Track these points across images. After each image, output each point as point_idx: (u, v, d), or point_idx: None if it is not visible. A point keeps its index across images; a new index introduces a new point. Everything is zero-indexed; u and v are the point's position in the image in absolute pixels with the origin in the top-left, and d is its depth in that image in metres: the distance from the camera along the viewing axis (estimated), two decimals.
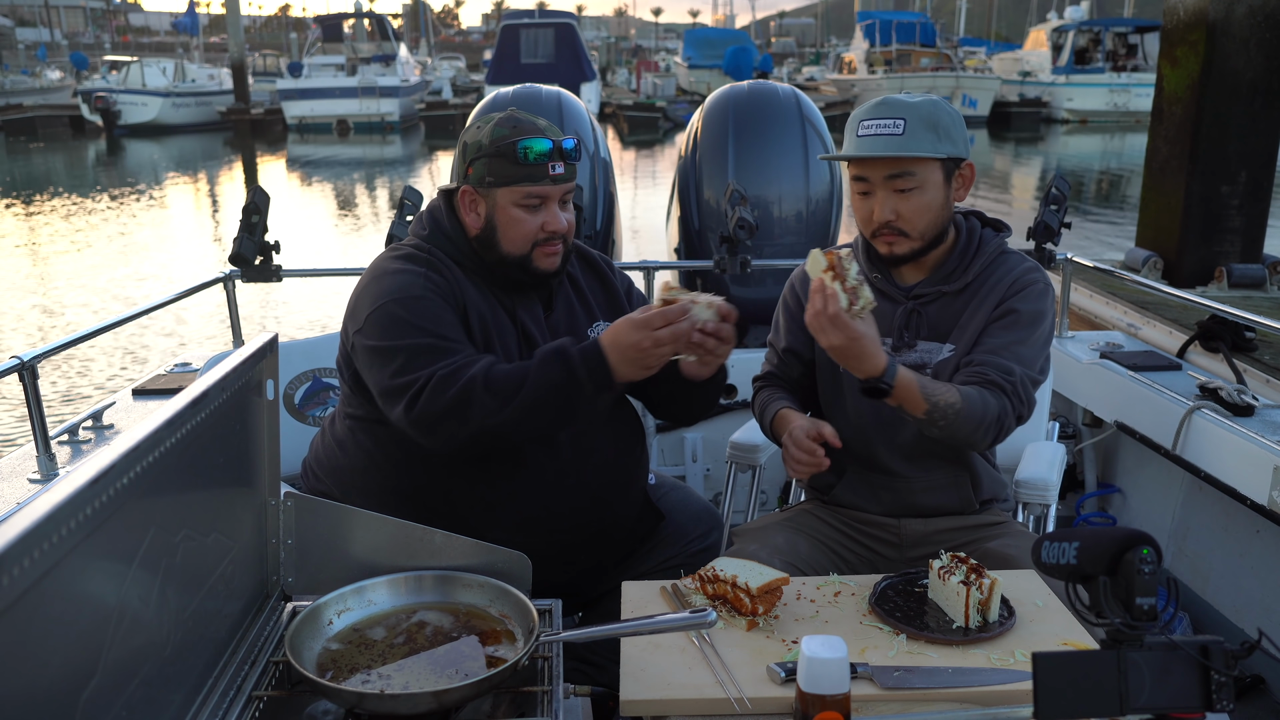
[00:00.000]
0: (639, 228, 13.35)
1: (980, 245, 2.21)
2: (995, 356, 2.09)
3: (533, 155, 2.07)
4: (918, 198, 2.09)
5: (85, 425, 2.79)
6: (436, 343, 2.01)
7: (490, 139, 2.11)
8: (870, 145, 2.08)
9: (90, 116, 32.67)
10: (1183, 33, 6.60)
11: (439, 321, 2.04)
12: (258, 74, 45.45)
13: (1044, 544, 1.36)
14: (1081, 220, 14.59)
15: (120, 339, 8.79)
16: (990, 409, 2.02)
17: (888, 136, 2.07)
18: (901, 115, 2.06)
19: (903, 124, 2.06)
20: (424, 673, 1.49)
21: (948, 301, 2.18)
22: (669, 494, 2.44)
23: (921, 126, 2.06)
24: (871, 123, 2.09)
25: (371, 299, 2.08)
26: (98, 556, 1.06)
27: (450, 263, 2.15)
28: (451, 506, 2.07)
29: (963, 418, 1.99)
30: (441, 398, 1.93)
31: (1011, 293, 2.15)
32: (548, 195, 2.12)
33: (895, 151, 2.06)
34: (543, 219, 2.12)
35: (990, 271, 2.19)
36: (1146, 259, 6.77)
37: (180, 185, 22.04)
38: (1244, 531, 2.85)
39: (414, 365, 1.98)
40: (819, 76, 47.99)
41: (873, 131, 2.08)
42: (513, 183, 2.10)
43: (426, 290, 2.07)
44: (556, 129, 2.16)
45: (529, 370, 1.95)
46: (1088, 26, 35.60)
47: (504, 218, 2.12)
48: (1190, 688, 1.28)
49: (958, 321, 2.17)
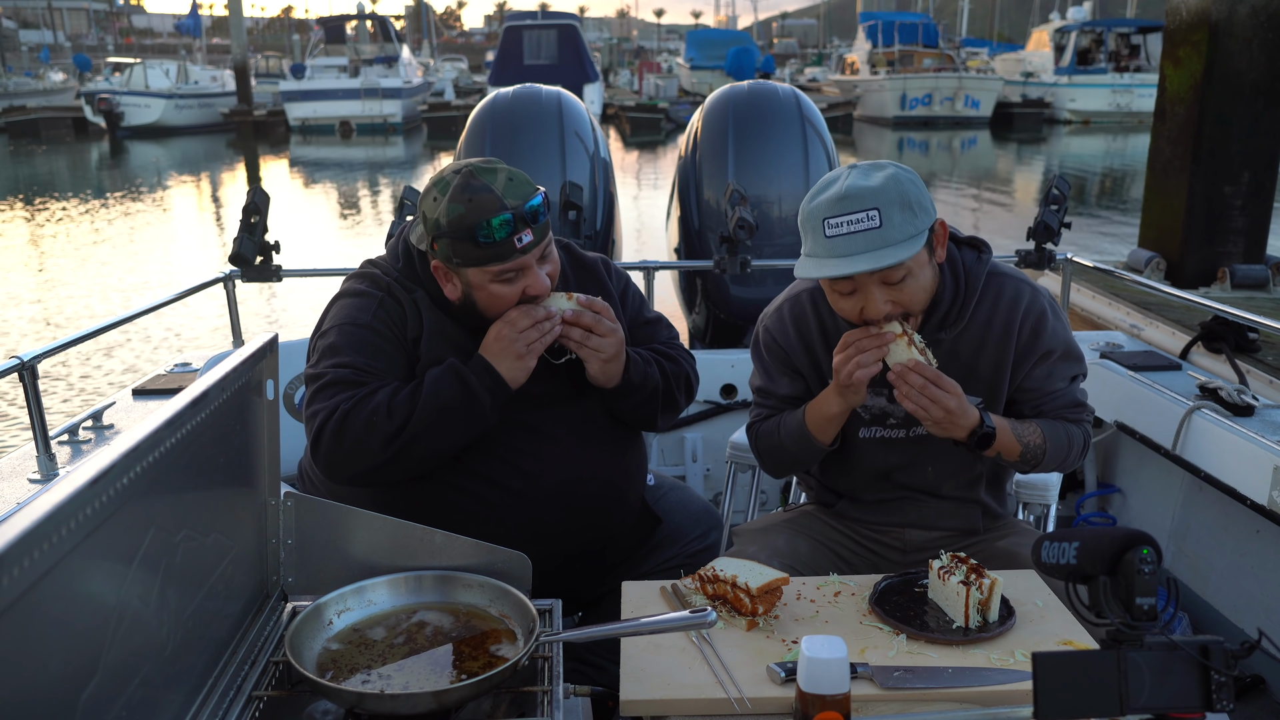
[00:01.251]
0: (642, 228, 13.36)
1: (968, 280, 2.05)
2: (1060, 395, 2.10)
3: (495, 235, 1.93)
4: (911, 282, 1.92)
5: (85, 425, 2.79)
6: (352, 375, 2.01)
7: (447, 218, 1.95)
8: (848, 245, 1.84)
9: (93, 118, 32.70)
10: (1185, 33, 6.60)
11: (373, 352, 2.04)
12: (260, 75, 45.51)
13: (1044, 544, 1.36)
14: (1085, 221, 14.58)
15: (120, 339, 8.80)
16: (1074, 440, 2.09)
17: (865, 232, 1.84)
18: (873, 205, 1.83)
19: (877, 214, 1.83)
20: (424, 673, 1.49)
21: (946, 346, 2.06)
22: (668, 494, 2.43)
23: (896, 209, 1.85)
24: (841, 220, 1.84)
25: (323, 324, 2.13)
26: (98, 556, 1.06)
27: (419, 289, 2.10)
28: (446, 518, 2.06)
29: (1049, 456, 2.05)
30: (345, 436, 1.97)
31: (1029, 332, 2.06)
32: (522, 266, 1.99)
33: (882, 259, 1.84)
34: (524, 284, 2.01)
35: (984, 306, 2.07)
36: (1149, 259, 6.76)
37: (183, 186, 22.05)
38: (1244, 531, 2.85)
39: (322, 396, 2.01)
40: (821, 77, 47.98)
41: (845, 230, 1.84)
42: (480, 264, 1.97)
43: (374, 320, 2.06)
44: (520, 179, 1.98)
45: (422, 387, 1.99)
46: (1090, 27, 35.57)
47: (483, 295, 2.03)
48: (1190, 688, 1.28)
49: (960, 366, 2.05)
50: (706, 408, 3.63)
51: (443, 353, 2.05)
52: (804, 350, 2.15)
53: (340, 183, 22.39)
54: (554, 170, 3.90)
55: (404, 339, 2.07)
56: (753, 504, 2.91)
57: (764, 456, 2.25)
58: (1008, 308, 2.06)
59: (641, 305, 2.38)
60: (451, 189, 1.96)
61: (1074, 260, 3.69)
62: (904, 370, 1.88)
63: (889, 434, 2.14)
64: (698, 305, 4.28)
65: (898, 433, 2.13)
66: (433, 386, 1.98)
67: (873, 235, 1.84)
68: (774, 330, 2.18)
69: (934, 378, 1.87)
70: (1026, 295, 2.08)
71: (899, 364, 1.89)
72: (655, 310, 2.45)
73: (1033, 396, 2.10)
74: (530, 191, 1.97)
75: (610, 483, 2.19)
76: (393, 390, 2.00)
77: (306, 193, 21.06)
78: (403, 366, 2.06)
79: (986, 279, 2.08)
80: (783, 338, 2.17)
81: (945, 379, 1.88)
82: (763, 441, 2.22)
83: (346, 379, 2.01)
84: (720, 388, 3.63)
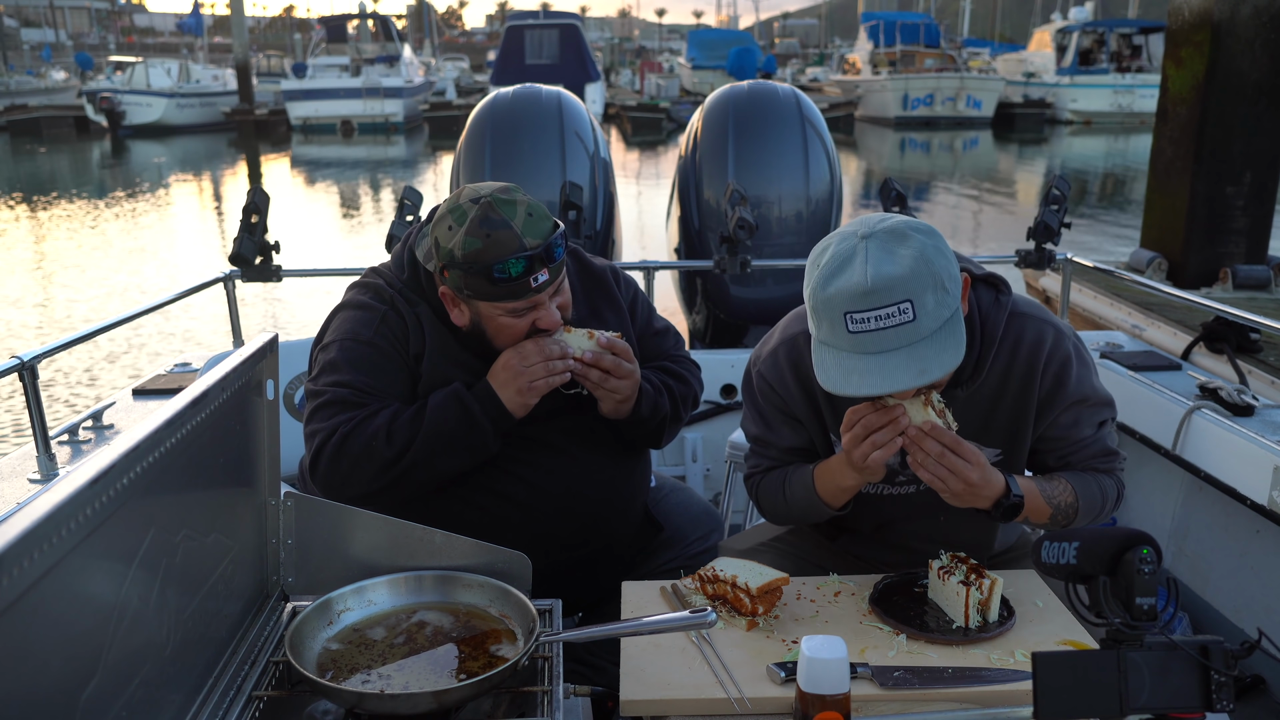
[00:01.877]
0: (644, 227, 13.36)
1: (985, 327, 1.86)
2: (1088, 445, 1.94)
3: (512, 275, 1.88)
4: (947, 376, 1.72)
5: (85, 425, 2.79)
6: (352, 395, 2.00)
7: (463, 252, 1.89)
8: (877, 342, 1.61)
9: (95, 117, 32.73)
10: (1187, 33, 6.60)
11: (374, 371, 2.03)
12: (262, 75, 45.54)
13: (1044, 544, 1.36)
14: (1088, 222, 14.58)
15: (120, 339, 8.80)
16: (1106, 492, 1.94)
17: (897, 328, 1.60)
18: (904, 296, 1.59)
19: (910, 307, 1.59)
20: (424, 673, 1.50)
21: (964, 403, 1.87)
22: (669, 496, 2.43)
23: (930, 294, 1.61)
24: (867, 316, 1.60)
25: (325, 336, 2.12)
26: (98, 556, 1.06)
27: (422, 303, 2.07)
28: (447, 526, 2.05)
29: (1082, 514, 1.90)
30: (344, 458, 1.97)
31: (1051, 381, 1.88)
32: (536, 304, 1.96)
33: (923, 361, 1.62)
34: (534, 317, 1.98)
35: (1004, 354, 1.88)
36: (1151, 260, 6.77)
37: (184, 186, 22.07)
38: (1244, 531, 2.85)
39: (322, 415, 2.00)
40: (823, 77, 47.99)
41: (873, 326, 1.60)
42: (493, 300, 1.94)
43: (376, 335, 2.04)
44: (539, 212, 1.92)
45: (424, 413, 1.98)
46: (1092, 27, 35.54)
47: (492, 326, 2.00)
48: (1190, 688, 1.28)
49: (984, 419, 1.90)
50: (706, 408, 3.63)
51: (445, 371, 2.03)
52: (804, 398, 1.96)
53: (341, 182, 22.41)
54: (554, 170, 3.90)
55: (406, 355, 2.04)
56: (752, 504, 2.91)
57: (765, 511, 2.11)
58: (1029, 354, 1.87)
59: (650, 315, 2.36)
60: (469, 221, 1.89)
61: (1074, 260, 3.69)
62: (919, 435, 1.68)
63: (897, 491, 2.00)
64: (698, 305, 4.28)
65: (907, 489, 1.99)
66: (435, 413, 1.97)
67: (905, 330, 1.60)
68: (770, 378, 1.98)
69: (953, 444, 1.68)
70: (1049, 340, 1.87)
71: (913, 426, 1.69)
72: (663, 319, 2.42)
73: (1058, 446, 1.94)
74: (549, 228, 1.92)
75: (614, 493, 2.18)
76: (393, 414, 1.98)
77: (308, 192, 21.08)
78: (404, 384, 2.05)
79: (1006, 322, 1.87)
80: (781, 386, 1.97)
81: (966, 446, 1.69)
82: (765, 500, 2.07)
83: (345, 399, 2.00)
84: (720, 388, 3.63)
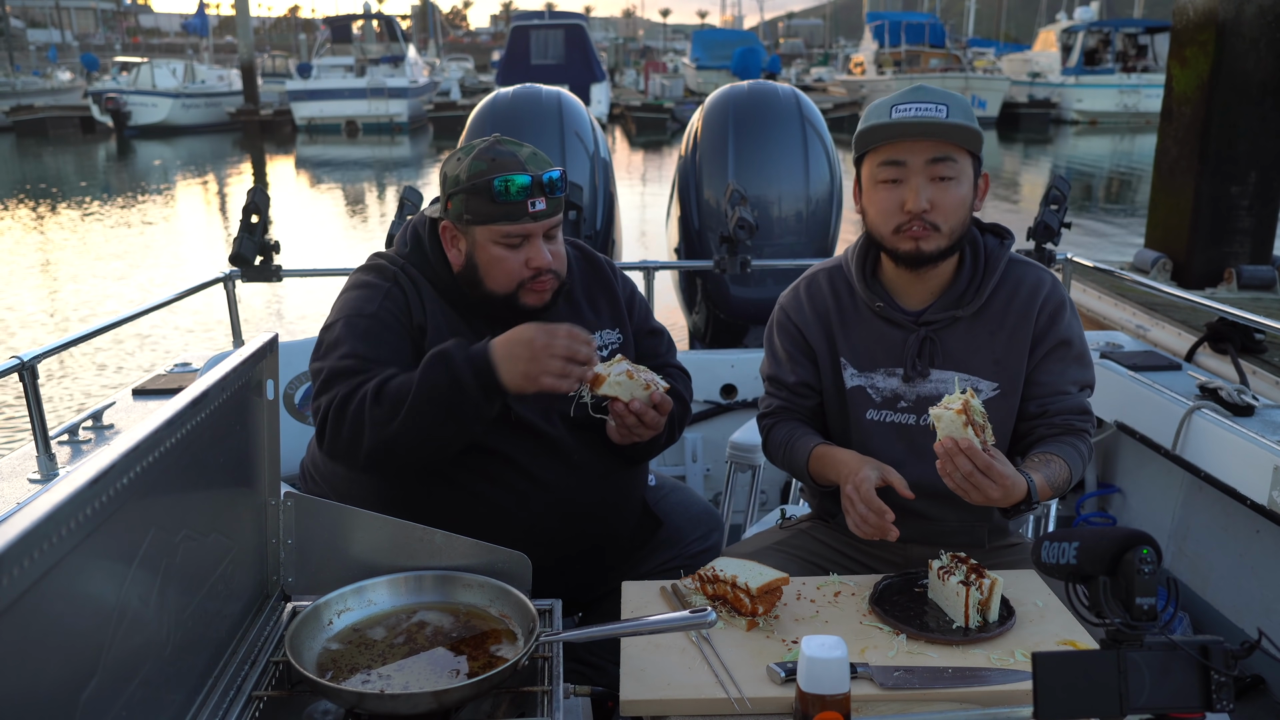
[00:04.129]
0: (647, 228, 13.36)
1: (988, 261, 2.07)
2: (1063, 398, 2.05)
3: (511, 192, 1.98)
4: (954, 189, 1.96)
5: (85, 425, 2.79)
6: (355, 364, 1.99)
7: (468, 174, 2.01)
8: (914, 125, 1.93)
9: (100, 117, 32.82)
10: (1192, 33, 6.58)
11: (377, 342, 2.03)
12: (267, 75, 45.63)
13: (1044, 544, 1.36)
14: (1093, 222, 14.56)
15: (120, 339, 8.81)
16: (1084, 456, 2.04)
17: (932, 119, 1.92)
18: (943, 101, 1.94)
19: (945, 109, 1.93)
20: (424, 673, 1.50)
21: (963, 326, 2.05)
22: (669, 495, 2.43)
23: (961, 114, 1.94)
24: (910, 105, 1.94)
25: (330, 316, 2.12)
26: (98, 556, 1.06)
27: (424, 282, 2.11)
28: (444, 519, 2.05)
29: (1072, 482, 2.01)
30: (343, 423, 1.94)
31: (1047, 318, 2.06)
32: (529, 233, 2.03)
33: (945, 135, 1.93)
34: (526, 255, 2.03)
35: (1004, 289, 2.07)
36: (1155, 260, 6.75)
37: (189, 186, 22.10)
38: (1244, 531, 2.84)
39: (325, 388, 2.00)
40: (827, 77, 47.98)
41: (912, 114, 1.93)
42: (490, 221, 2.01)
43: (380, 309, 2.05)
44: (543, 157, 2.06)
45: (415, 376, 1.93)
46: (1097, 27, 35.48)
47: (484, 256, 2.04)
48: (1190, 688, 1.28)
49: (977, 348, 2.05)
50: (706, 408, 3.63)
51: None
52: (819, 327, 2.14)
53: (345, 182, 22.43)
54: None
55: (410, 326, 2.06)
56: (752, 504, 2.91)
57: (768, 454, 2.25)
58: (1028, 293, 2.06)
59: (647, 315, 2.37)
60: (477, 150, 2.03)
61: (1074, 260, 3.69)
62: (954, 451, 1.74)
63: (900, 419, 2.08)
64: (698, 305, 4.28)
65: (908, 418, 2.07)
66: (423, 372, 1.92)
67: (938, 123, 1.91)
68: (789, 308, 2.20)
69: (985, 468, 1.74)
70: (1048, 284, 2.09)
71: (949, 438, 1.74)
72: (659, 322, 2.43)
73: (1042, 392, 2.06)
74: (550, 166, 2.05)
75: (612, 485, 2.19)
76: (387, 375, 1.97)
77: (312, 192, 21.11)
78: (408, 353, 2.05)
79: (1008, 265, 2.09)
80: (798, 315, 2.17)
81: (995, 469, 1.74)
82: (771, 448, 2.22)
83: (348, 369, 1.99)
84: (720, 388, 3.63)
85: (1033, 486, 1.84)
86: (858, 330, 2.11)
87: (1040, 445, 2.02)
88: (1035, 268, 2.11)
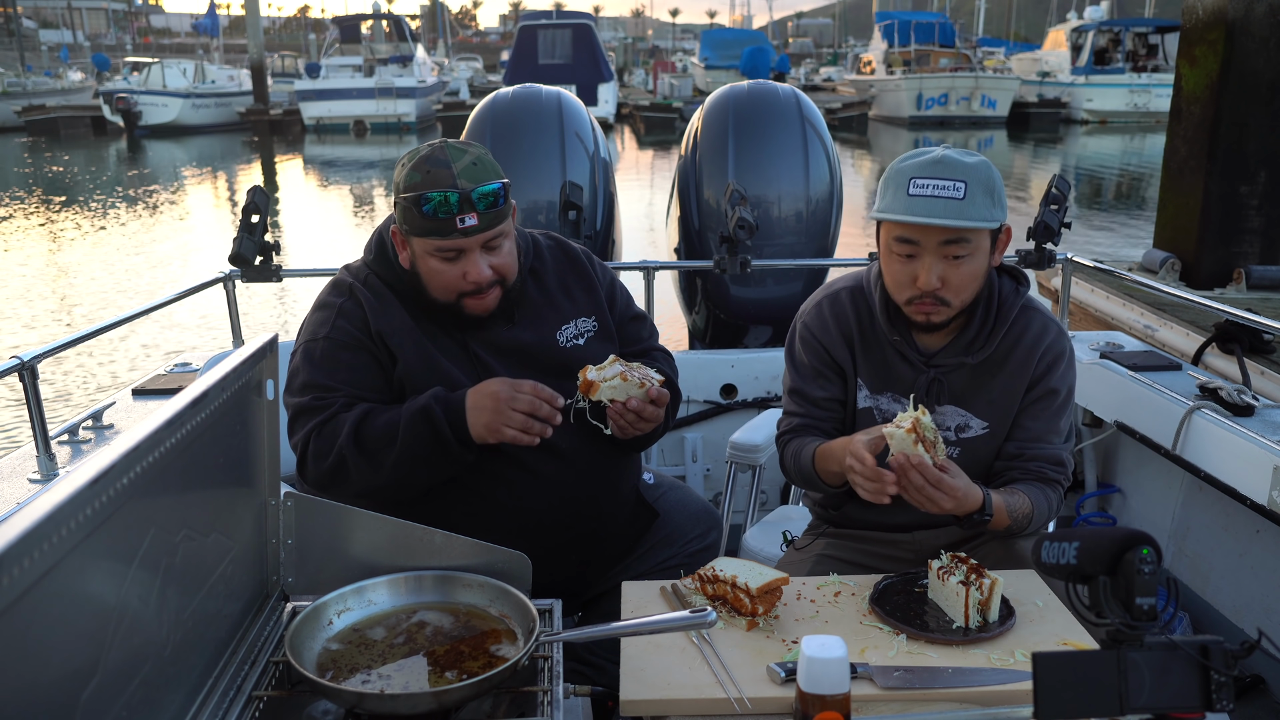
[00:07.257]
0: (654, 227, 13.35)
1: (1001, 308, 2.11)
2: (1043, 446, 2.11)
3: (439, 210, 1.95)
4: (968, 266, 1.98)
5: (85, 425, 2.79)
6: (312, 399, 2.03)
7: (404, 184, 1.99)
8: (928, 208, 1.93)
9: (111, 117, 32.92)
10: (1201, 32, 6.55)
11: (333, 365, 2.06)
12: (276, 75, 45.68)
13: (1044, 544, 1.36)
14: (1102, 221, 14.50)
15: (120, 339, 8.82)
16: (1052, 505, 2.09)
17: (948, 200, 1.92)
18: (961, 178, 1.93)
19: (963, 187, 1.92)
20: (424, 673, 1.50)
21: (968, 370, 2.12)
22: (668, 494, 2.43)
23: (980, 191, 1.94)
24: (928, 182, 1.93)
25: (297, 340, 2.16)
26: (98, 556, 1.07)
27: (384, 289, 2.11)
28: (441, 511, 2.06)
29: (1034, 522, 2.06)
30: (322, 466, 1.99)
31: (1044, 367, 2.11)
32: (462, 248, 1.99)
33: (958, 219, 1.92)
34: (463, 269, 2.01)
35: (1014, 338, 2.12)
36: (1164, 260, 6.72)
37: (199, 185, 22.17)
38: (1244, 531, 2.84)
39: (294, 427, 2.04)
40: (837, 77, 47.86)
41: (930, 192, 1.93)
42: (423, 235, 2.00)
43: (333, 330, 2.07)
44: (486, 167, 1.99)
45: (398, 430, 1.97)
46: (1107, 26, 35.31)
47: (424, 267, 2.04)
48: (1190, 688, 1.27)
49: (981, 390, 2.12)
50: (706, 408, 3.63)
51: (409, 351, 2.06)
52: (844, 346, 2.18)
53: (353, 182, 22.47)
54: (554, 170, 3.90)
55: (369, 335, 2.07)
56: (753, 504, 2.91)
57: (786, 472, 2.27)
58: (1033, 340, 2.11)
59: (628, 301, 2.40)
60: (418, 158, 2.00)
61: (1074, 260, 3.67)
62: (906, 466, 1.82)
63: None
64: (698, 305, 4.27)
65: None
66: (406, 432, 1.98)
67: (953, 204, 1.92)
68: (813, 326, 2.21)
69: (935, 481, 1.82)
70: (1053, 333, 2.13)
71: (902, 453, 1.83)
72: (639, 307, 2.45)
73: (1024, 435, 2.12)
74: (488, 179, 1.98)
75: (602, 472, 2.19)
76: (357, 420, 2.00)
77: (320, 192, 21.14)
78: (369, 366, 2.07)
79: (1020, 311, 2.13)
80: (823, 334, 2.19)
81: (946, 482, 1.82)
82: (785, 465, 2.26)
83: (308, 407, 2.04)
84: (720, 388, 3.63)
85: (989, 497, 1.92)
86: (875, 355, 2.17)
87: (1012, 484, 2.08)
88: (1043, 315, 2.16)
